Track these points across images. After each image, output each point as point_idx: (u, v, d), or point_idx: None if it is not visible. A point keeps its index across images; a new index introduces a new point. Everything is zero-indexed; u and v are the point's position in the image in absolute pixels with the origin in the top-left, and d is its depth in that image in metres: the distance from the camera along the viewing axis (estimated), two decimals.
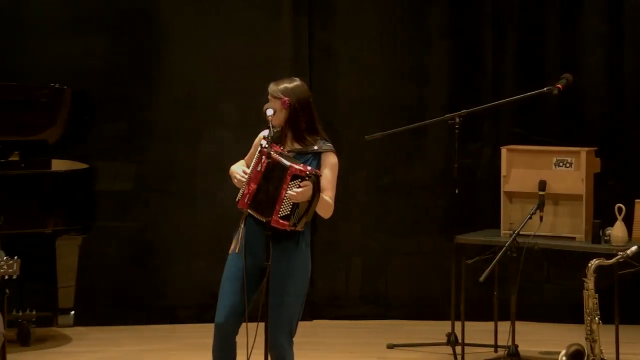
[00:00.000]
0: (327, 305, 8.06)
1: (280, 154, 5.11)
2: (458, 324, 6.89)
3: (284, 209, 5.07)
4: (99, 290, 7.88)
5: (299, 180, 5.05)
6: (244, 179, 5.14)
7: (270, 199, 5.07)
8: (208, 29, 7.97)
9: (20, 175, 7.10)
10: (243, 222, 5.21)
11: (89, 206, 7.29)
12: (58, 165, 7.40)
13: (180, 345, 7.37)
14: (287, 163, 5.06)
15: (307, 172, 5.05)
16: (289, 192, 5.04)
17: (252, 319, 5.09)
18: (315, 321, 7.92)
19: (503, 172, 6.91)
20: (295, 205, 5.07)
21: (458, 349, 6.88)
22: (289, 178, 5.05)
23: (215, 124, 8.00)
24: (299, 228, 5.11)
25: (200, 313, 7.84)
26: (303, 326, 5.36)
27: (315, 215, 5.21)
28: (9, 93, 7.16)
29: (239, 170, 5.23)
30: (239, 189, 5.18)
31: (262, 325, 5.04)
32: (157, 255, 8.02)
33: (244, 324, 5.14)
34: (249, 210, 5.17)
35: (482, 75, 8.02)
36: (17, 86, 7.21)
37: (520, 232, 6.56)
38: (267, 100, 5.21)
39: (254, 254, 5.14)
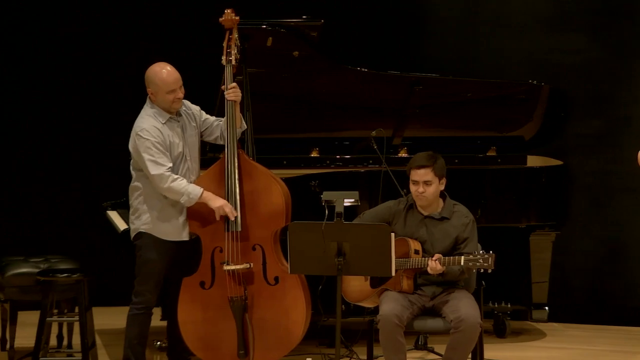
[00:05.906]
0: None
1: None
2: None
3: None
4: (572, 288, 7.89)
5: None
6: None
7: None
8: None
9: (497, 170, 7.24)
10: None
11: (562, 203, 7.27)
12: (533, 161, 7.46)
13: None
14: None
15: None
16: None
17: None
18: None
19: None
20: None
21: None
22: None
23: None
24: None
25: None
26: None
27: None
28: (488, 90, 7.31)
29: None
30: None
31: None
32: (630, 254, 7.87)
33: None
34: None
35: None
36: (496, 83, 7.33)
37: None
38: None
39: None
